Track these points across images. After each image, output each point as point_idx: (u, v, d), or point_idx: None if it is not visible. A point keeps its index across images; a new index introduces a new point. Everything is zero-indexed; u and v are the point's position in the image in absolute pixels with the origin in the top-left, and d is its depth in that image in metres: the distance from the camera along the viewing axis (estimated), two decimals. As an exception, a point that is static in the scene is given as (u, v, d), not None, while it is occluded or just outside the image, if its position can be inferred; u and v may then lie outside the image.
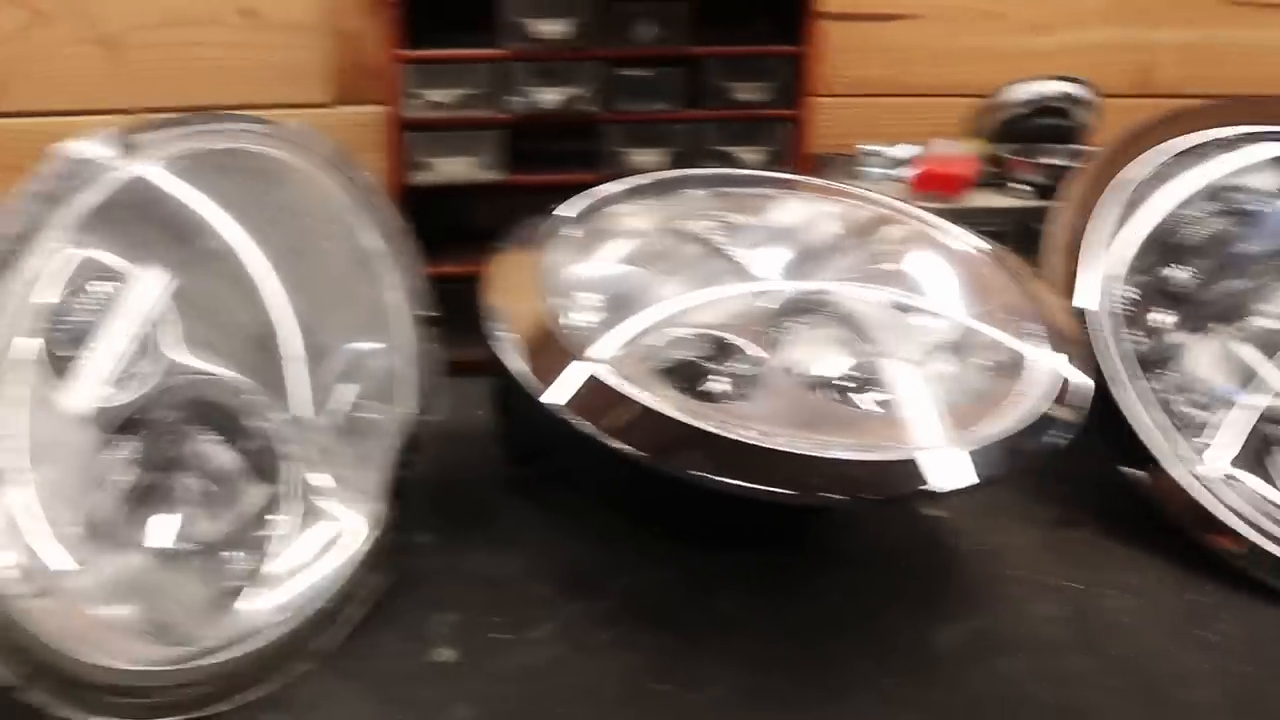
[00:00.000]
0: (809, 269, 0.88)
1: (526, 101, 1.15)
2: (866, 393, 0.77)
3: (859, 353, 0.79)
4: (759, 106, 1.19)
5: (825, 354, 0.80)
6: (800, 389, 0.77)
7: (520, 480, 0.94)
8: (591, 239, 0.90)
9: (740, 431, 0.67)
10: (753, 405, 0.74)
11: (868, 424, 0.75)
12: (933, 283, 0.89)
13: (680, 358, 0.78)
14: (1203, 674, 0.74)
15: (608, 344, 0.76)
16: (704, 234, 0.90)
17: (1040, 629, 0.78)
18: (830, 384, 0.78)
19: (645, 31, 1.15)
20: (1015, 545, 0.88)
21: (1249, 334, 0.96)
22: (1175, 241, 0.98)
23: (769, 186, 0.99)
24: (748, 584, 0.81)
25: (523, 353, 0.75)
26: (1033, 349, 0.80)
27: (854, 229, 0.94)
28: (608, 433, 0.69)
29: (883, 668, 0.73)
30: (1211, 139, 1.02)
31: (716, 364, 0.77)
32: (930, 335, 0.82)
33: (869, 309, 0.82)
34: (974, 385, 0.78)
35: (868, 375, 0.78)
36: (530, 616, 0.78)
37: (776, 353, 0.79)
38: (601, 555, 0.85)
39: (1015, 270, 0.91)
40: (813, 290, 0.85)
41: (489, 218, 0.94)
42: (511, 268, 0.85)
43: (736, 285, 0.84)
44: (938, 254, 0.92)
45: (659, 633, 0.76)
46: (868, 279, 0.87)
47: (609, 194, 0.95)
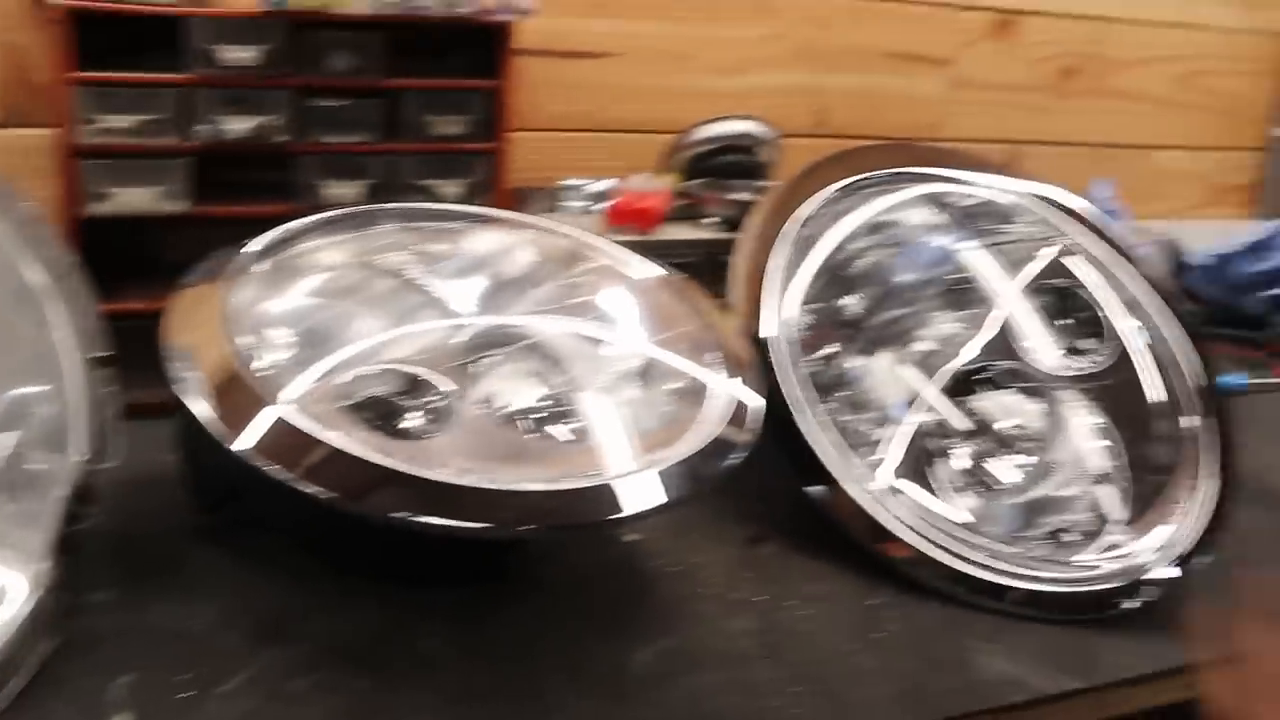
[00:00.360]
0: (503, 302, 0.89)
1: (214, 130, 1.10)
2: (559, 423, 0.79)
3: (552, 384, 0.81)
4: (457, 140, 1.19)
5: (519, 386, 0.81)
6: (494, 422, 0.78)
7: (210, 527, 0.90)
8: (282, 274, 0.87)
9: (433, 469, 0.67)
10: (446, 441, 0.74)
11: (560, 454, 0.76)
12: (622, 313, 0.92)
13: (372, 395, 0.77)
14: (874, 672, 0.80)
15: (298, 383, 0.74)
16: (398, 268, 0.89)
17: (730, 643, 0.82)
18: (524, 416, 0.80)
19: (339, 61, 1.13)
20: (709, 564, 0.91)
21: (911, 357, 1.05)
22: (845, 273, 1.06)
23: (465, 220, 0.99)
24: (449, 620, 0.81)
25: (208, 393, 0.72)
26: (713, 376, 0.85)
27: (548, 261, 0.96)
28: (298, 476, 0.67)
29: (580, 691, 0.75)
30: (874, 177, 1.11)
31: (410, 400, 0.77)
32: (619, 364, 0.85)
33: (561, 340, 0.85)
34: (660, 411, 0.81)
35: (560, 406, 0.80)
36: (220, 670, 0.74)
37: (470, 387, 0.79)
38: (298, 600, 0.82)
39: (699, 301, 0.96)
40: (506, 323, 0.86)
41: (177, 251, 0.89)
42: (196, 304, 0.82)
43: (430, 319, 0.84)
44: (628, 286, 0.96)
45: (359, 676, 0.74)
46: (560, 311, 0.89)
47: (301, 227, 0.93)
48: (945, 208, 1.11)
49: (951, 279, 1.08)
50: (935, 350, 1.04)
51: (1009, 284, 1.07)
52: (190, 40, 1.07)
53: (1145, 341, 1.06)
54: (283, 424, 0.69)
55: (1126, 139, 2.05)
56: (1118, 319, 1.07)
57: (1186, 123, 2.10)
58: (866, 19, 1.74)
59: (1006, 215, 1.13)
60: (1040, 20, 1.89)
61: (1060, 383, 1.02)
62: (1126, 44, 1.98)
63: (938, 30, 1.80)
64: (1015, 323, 1.05)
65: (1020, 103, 1.92)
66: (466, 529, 0.65)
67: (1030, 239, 1.11)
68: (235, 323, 0.79)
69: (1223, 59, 2.08)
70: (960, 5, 1.81)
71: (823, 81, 1.74)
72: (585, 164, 1.57)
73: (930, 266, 1.08)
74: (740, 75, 1.68)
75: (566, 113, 1.59)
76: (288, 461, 0.67)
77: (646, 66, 1.62)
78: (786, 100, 1.71)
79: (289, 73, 1.10)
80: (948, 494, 0.95)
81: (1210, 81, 2.09)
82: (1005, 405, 1.02)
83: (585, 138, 1.61)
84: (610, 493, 0.69)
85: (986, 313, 1.05)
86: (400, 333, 0.83)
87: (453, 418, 0.76)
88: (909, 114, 1.82)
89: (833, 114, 1.76)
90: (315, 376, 0.75)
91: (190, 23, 1.07)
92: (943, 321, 1.06)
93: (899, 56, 1.79)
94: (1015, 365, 1.03)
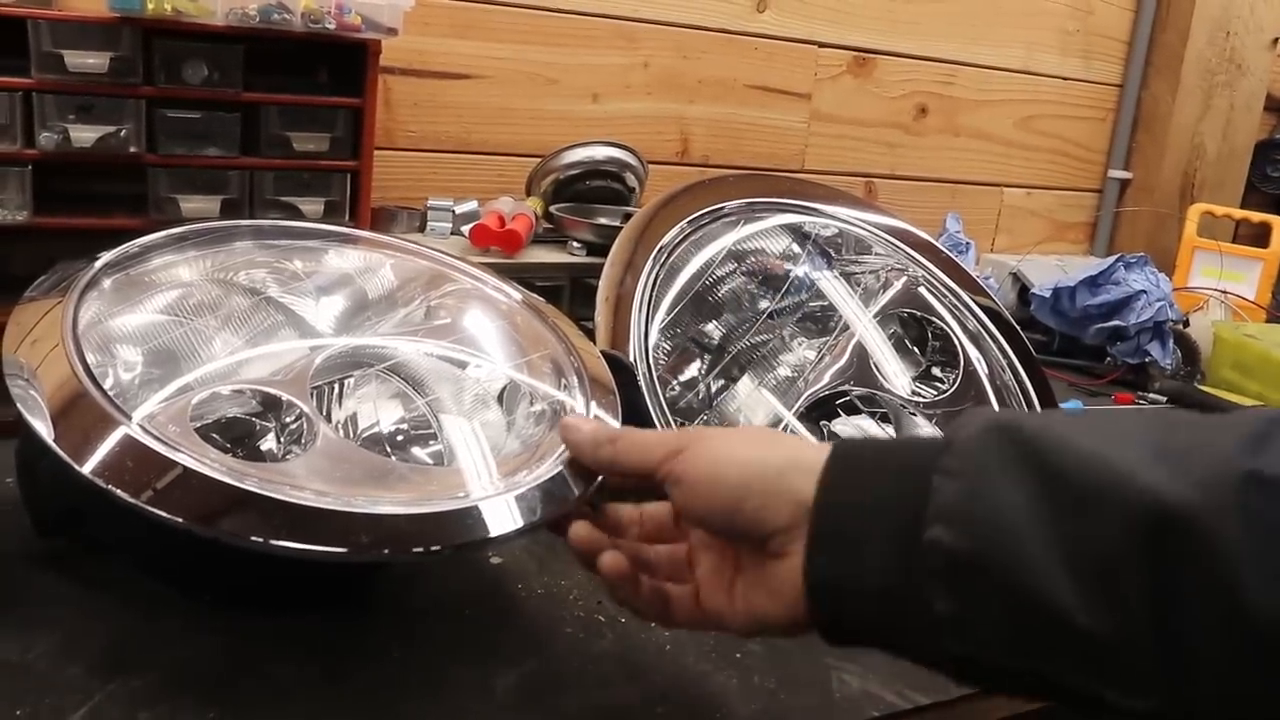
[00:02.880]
0: (364, 322, 0.88)
1: (60, 138, 1.06)
2: (420, 446, 0.78)
3: (412, 406, 0.80)
4: (318, 157, 1.17)
5: (379, 408, 0.80)
6: (354, 445, 0.77)
7: (53, 553, 0.86)
8: (132, 289, 0.84)
9: (289, 491, 0.65)
10: (304, 463, 0.72)
11: (420, 477, 0.75)
12: (483, 336, 0.92)
13: (227, 416, 0.75)
14: (734, 691, 0.81)
15: (148, 403, 0.71)
16: (255, 285, 0.87)
17: (594, 665, 0.82)
18: (383, 438, 0.78)
19: (195, 72, 1.10)
20: (573, 585, 0.91)
21: (772, 381, 1.07)
22: (707, 299, 1.08)
23: (325, 239, 0.97)
24: (305, 647, 0.79)
25: (51, 412, 0.69)
26: (572, 398, 0.85)
27: (409, 282, 0.95)
28: (146, 499, 0.64)
29: (445, 718, 0.74)
30: (735, 206, 1.13)
31: (266, 421, 0.75)
32: (480, 387, 0.85)
33: (422, 362, 0.84)
34: (521, 434, 0.81)
35: (421, 428, 0.79)
36: (58, 703, 0.70)
37: (330, 408, 0.78)
38: (144, 629, 0.79)
39: (560, 324, 0.96)
40: (367, 344, 0.85)
41: (19, 264, 0.85)
42: (38, 319, 0.78)
43: (289, 339, 0.83)
44: (489, 308, 0.95)
45: (206, 708, 0.72)
46: (422, 332, 0.88)
47: (153, 242, 0.90)
48: (804, 237, 1.14)
49: (810, 306, 1.11)
50: (795, 375, 1.06)
51: (865, 312, 1.11)
52: (37, 43, 1.02)
53: (988, 370, 1.10)
54: (131, 444, 0.66)
55: (976, 176, 2.14)
56: (964, 347, 1.11)
57: (1030, 163, 2.21)
58: (729, 51, 1.78)
59: (863, 246, 1.16)
60: (895, 60, 1.96)
61: (912, 408, 1.06)
62: (974, 86, 2.07)
63: (798, 65, 1.85)
64: (871, 350, 1.08)
65: (877, 138, 1.99)
66: (323, 553, 0.63)
67: (885, 269, 1.15)
68: (82, 339, 0.75)
69: (1063, 104, 2.20)
70: (820, 42, 1.87)
71: (685, 110, 1.77)
72: (450, 185, 1.56)
73: (790, 294, 1.11)
74: (605, 101, 1.70)
75: (432, 133, 1.58)
76: (136, 484, 0.64)
77: (513, 89, 1.62)
78: (650, 127, 1.74)
79: (140, 81, 1.07)
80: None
81: (1051, 125, 2.20)
82: (862, 429, 1.05)
83: (450, 159, 1.60)
84: (472, 516, 0.69)
85: (844, 339, 1.08)
86: (257, 352, 0.81)
87: (311, 439, 0.74)
88: (770, 145, 1.86)
89: (695, 143, 1.80)
90: (166, 395, 0.73)
91: (36, 25, 1.02)
92: (802, 347, 1.09)
93: (760, 89, 1.83)
94: (870, 391, 1.06)
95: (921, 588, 0.51)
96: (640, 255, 1.04)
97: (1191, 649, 0.45)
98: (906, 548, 0.51)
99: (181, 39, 1.08)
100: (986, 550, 0.49)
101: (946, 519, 0.50)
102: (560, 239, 1.36)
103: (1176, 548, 0.45)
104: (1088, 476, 0.48)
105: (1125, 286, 1.66)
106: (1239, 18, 2.19)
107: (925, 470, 0.52)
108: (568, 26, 1.64)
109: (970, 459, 0.51)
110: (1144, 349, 1.67)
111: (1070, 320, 1.72)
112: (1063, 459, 0.49)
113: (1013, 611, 0.48)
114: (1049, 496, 0.48)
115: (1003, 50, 2.08)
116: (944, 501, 0.51)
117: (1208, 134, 2.26)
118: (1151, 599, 0.45)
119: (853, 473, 0.56)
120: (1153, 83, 2.23)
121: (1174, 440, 0.48)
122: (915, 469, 0.52)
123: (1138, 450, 0.48)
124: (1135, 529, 0.46)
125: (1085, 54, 2.19)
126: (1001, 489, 0.49)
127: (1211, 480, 0.45)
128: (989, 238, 2.21)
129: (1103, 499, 0.47)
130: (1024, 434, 0.50)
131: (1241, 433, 0.47)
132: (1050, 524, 0.48)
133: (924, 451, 0.53)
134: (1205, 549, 0.44)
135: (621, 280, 1.02)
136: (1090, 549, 0.47)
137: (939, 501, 0.51)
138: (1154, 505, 0.45)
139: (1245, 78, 2.26)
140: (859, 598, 0.54)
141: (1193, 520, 0.45)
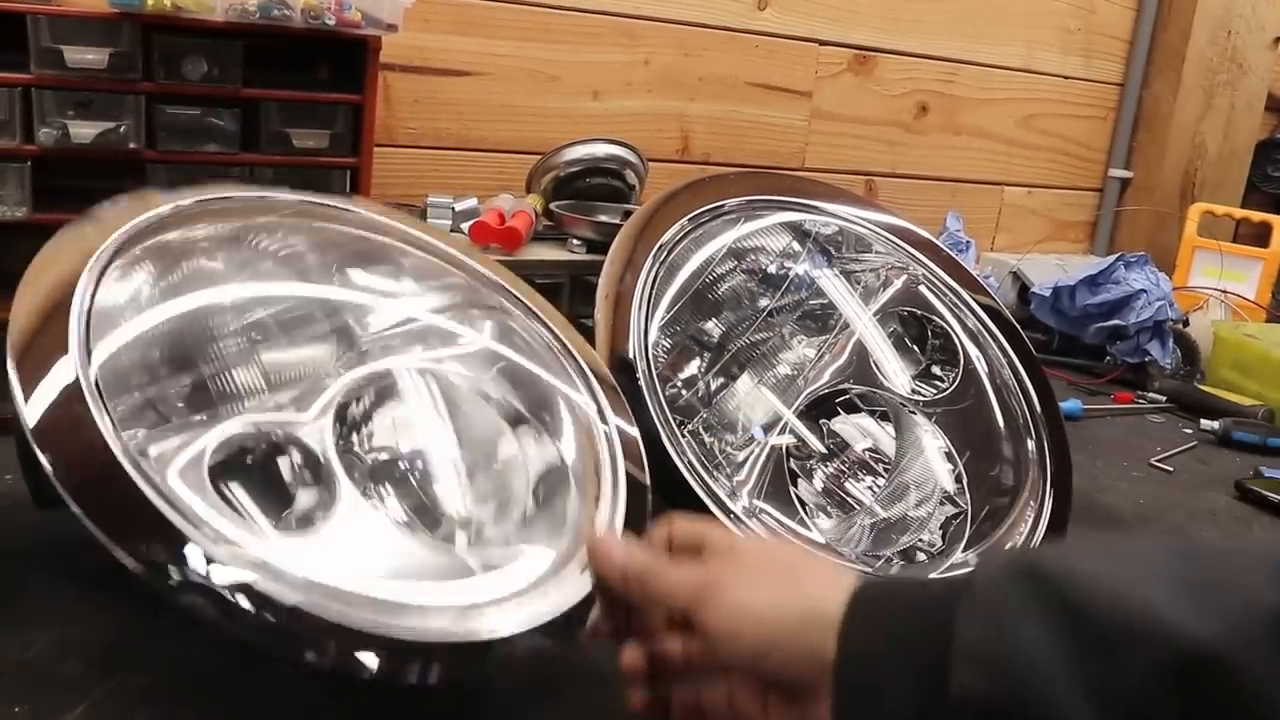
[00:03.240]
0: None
1: (58, 134, 1.05)
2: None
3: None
4: (318, 153, 1.17)
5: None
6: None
7: (52, 551, 0.85)
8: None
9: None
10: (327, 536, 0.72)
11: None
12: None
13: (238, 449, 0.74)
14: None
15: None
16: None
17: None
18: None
19: (194, 68, 1.10)
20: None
21: (771, 379, 1.07)
22: (707, 296, 1.08)
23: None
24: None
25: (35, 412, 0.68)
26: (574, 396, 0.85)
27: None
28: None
29: (436, 713, 0.74)
30: (734, 204, 1.13)
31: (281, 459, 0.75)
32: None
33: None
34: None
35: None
36: (57, 701, 0.70)
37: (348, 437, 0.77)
38: (145, 626, 0.79)
39: (558, 322, 0.96)
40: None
41: (18, 261, 0.85)
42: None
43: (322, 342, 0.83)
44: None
45: (206, 706, 0.72)
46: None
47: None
48: (805, 235, 1.14)
49: (810, 304, 1.11)
50: (794, 373, 1.06)
51: (865, 310, 1.11)
52: (36, 39, 1.02)
53: (987, 368, 1.10)
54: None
55: (976, 175, 2.14)
56: (964, 346, 1.11)
57: (1031, 162, 2.21)
58: (730, 49, 1.77)
59: (863, 244, 1.16)
60: (896, 59, 1.96)
61: (911, 406, 1.06)
62: (975, 85, 2.07)
63: (799, 63, 1.85)
64: (870, 348, 1.08)
65: (878, 136, 1.99)
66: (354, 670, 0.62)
67: (885, 267, 1.15)
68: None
69: (1064, 103, 2.20)
70: (821, 40, 1.86)
71: (686, 108, 1.77)
72: (450, 182, 1.56)
73: (790, 292, 1.11)
74: (606, 99, 1.69)
75: (432, 130, 1.57)
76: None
77: (513, 86, 1.62)
78: (650, 125, 1.73)
79: (140, 77, 1.06)
80: (808, 514, 0.97)
81: (1052, 124, 2.20)
82: (861, 428, 1.05)
83: (451, 155, 1.59)
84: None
85: (844, 338, 1.08)
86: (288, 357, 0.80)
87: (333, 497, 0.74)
88: (771, 143, 1.86)
89: (695, 140, 1.79)
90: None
91: (36, 20, 1.02)
92: (802, 345, 1.09)
93: (761, 87, 1.83)
94: (870, 390, 1.06)
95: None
96: (640, 253, 1.04)
97: None
98: (931, 692, 0.50)
99: (181, 35, 1.08)
100: (1014, 692, 0.48)
101: (971, 660, 0.49)
102: (560, 236, 1.36)
103: (1207, 688, 0.44)
104: (1113, 614, 0.47)
105: (1125, 286, 1.66)
106: (1240, 17, 2.19)
107: (948, 613, 0.51)
108: (569, 24, 1.63)
109: (992, 599, 0.50)
110: (1144, 348, 1.67)
111: (1070, 319, 1.71)
112: (1084, 596, 0.48)
113: None
114: (1074, 636, 0.47)
115: (1004, 49, 2.08)
116: (969, 644, 0.50)
117: (1209, 133, 2.25)
118: None
119: (873, 618, 0.55)
120: (1154, 82, 2.22)
121: (1199, 573, 0.47)
122: (936, 609, 0.52)
123: (1162, 584, 0.47)
124: (1164, 669, 0.45)
125: (1086, 53, 2.18)
126: (1025, 629, 0.48)
127: (1241, 618, 0.44)
128: (989, 236, 2.21)
129: (1129, 638, 0.46)
130: (1045, 571, 0.49)
131: (1269, 565, 0.46)
132: (1076, 663, 0.47)
133: (945, 592, 0.53)
134: (1237, 689, 0.43)
135: (621, 278, 1.01)
136: (1118, 689, 0.46)
137: (962, 643, 0.50)
138: (1183, 645, 0.44)
139: (1246, 77, 2.25)
140: None
141: (1224, 660, 0.44)
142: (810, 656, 0.55)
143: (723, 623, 0.58)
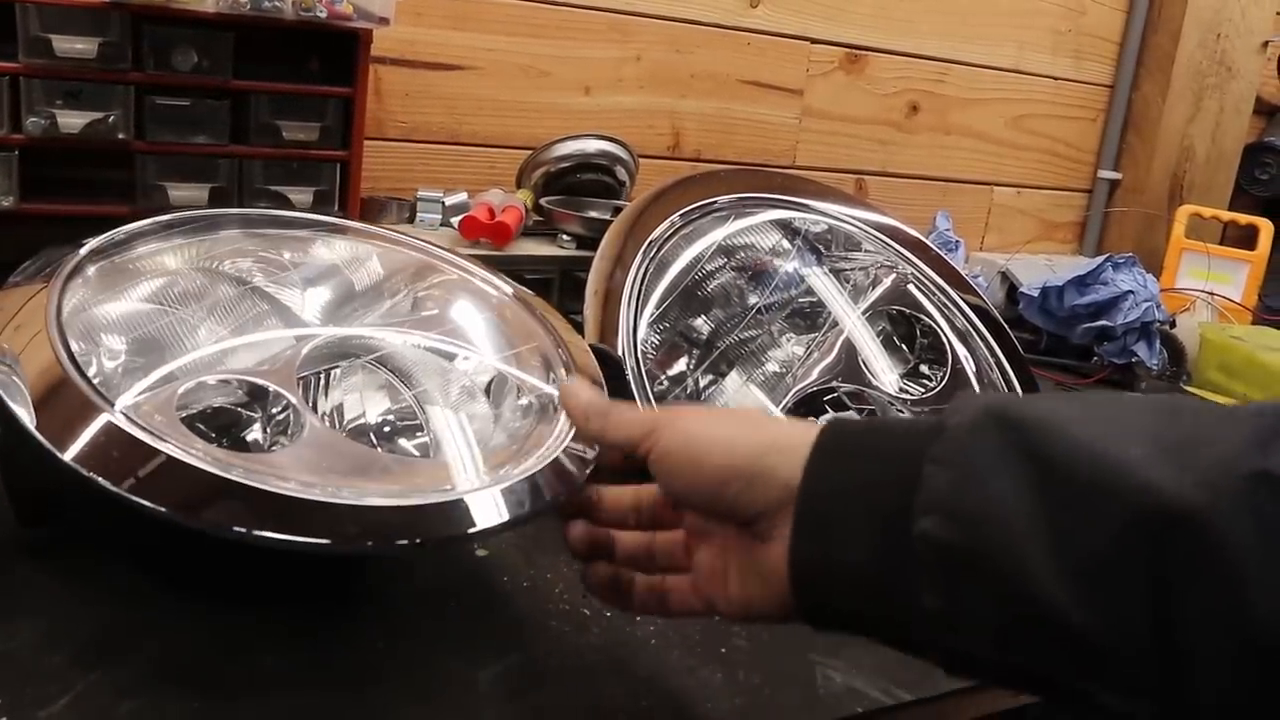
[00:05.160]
0: (351, 313, 0.87)
1: (46, 124, 1.05)
2: (407, 437, 0.78)
3: (399, 398, 0.80)
4: (308, 146, 1.17)
5: (365, 399, 0.79)
6: (339, 436, 0.76)
7: (36, 542, 0.85)
8: (117, 277, 0.84)
9: (274, 482, 0.64)
10: (290, 453, 0.72)
11: (406, 469, 0.75)
12: (471, 328, 0.91)
13: (212, 406, 0.74)
14: (719, 686, 0.81)
15: (132, 390, 0.71)
16: (242, 275, 0.87)
17: (579, 658, 0.82)
18: (369, 429, 0.78)
19: (184, 59, 1.09)
20: (561, 579, 0.91)
21: (760, 377, 1.07)
22: (697, 293, 1.08)
23: (314, 228, 0.97)
24: (290, 638, 0.78)
25: (33, 399, 0.68)
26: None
27: (397, 273, 0.95)
28: (130, 488, 0.64)
29: (429, 710, 0.74)
30: (726, 201, 1.13)
31: (252, 412, 0.75)
32: (467, 379, 0.84)
33: (409, 353, 0.83)
34: (508, 427, 0.81)
35: (408, 420, 0.78)
36: (40, 693, 0.70)
37: (316, 399, 0.77)
38: (128, 618, 0.78)
39: (549, 317, 0.96)
40: (354, 335, 0.85)
41: (6, 250, 0.84)
42: (22, 305, 0.77)
43: (275, 329, 0.82)
44: (478, 300, 0.95)
45: (190, 697, 0.71)
46: (409, 324, 0.88)
47: (140, 229, 0.89)
48: (795, 233, 1.14)
49: (800, 302, 1.11)
50: (783, 371, 1.06)
51: (854, 309, 1.11)
52: (25, 28, 1.02)
53: (975, 368, 1.11)
54: (115, 432, 0.66)
55: (966, 174, 2.14)
56: (952, 345, 1.11)
57: (1021, 162, 2.21)
58: (722, 46, 1.77)
59: (853, 242, 1.16)
60: (888, 58, 1.96)
61: (899, 405, 1.06)
62: (965, 85, 2.07)
63: (791, 61, 1.85)
64: (859, 346, 1.08)
65: (869, 135, 1.99)
66: (306, 544, 0.63)
67: (874, 266, 1.15)
68: (65, 326, 0.75)
69: (1054, 104, 2.20)
70: (813, 38, 1.86)
71: (677, 105, 1.77)
72: (440, 176, 1.56)
73: (779, 289, 1.11)
74: (597, 95, 1.69)
75: (423, 124, 1.57)
76: (119, 472, 0.64)
77: (504, 81, 1.62)
78: (641, 121, 1.73)
79: (129, 67, 1.06)
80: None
81: (1042, 125, 2.21)
82: (849, 425, 1.05)
83: (441, 150, 1.59)
84: (457, 509, 0.68)
85: (833, 336, 1.08)
86: (243, 341, 0.80)
87: (298, 430, 0.74)
88: (761, 140, 1.86)
89: (686, 137, 1.79)
90: (151, 384, 0.72)
91: (25, 9, 1.02)
92: (791, 343, 1.09)
93: (753, 84, 1.83)
94: (858, 388, 1.06)
95: (909, 579, 0.49)
96: (630, 249, 1.04)
97: (1190, 652, 0.43)
98: (895, 537, 0.50)
99: (171, 25, 1.08)
100: (977, 544, 0.47)
101: (937, 510, 0.48)
102: (550, 232, 1.36)
103: (1179, 548, 0.43)
104: (1086, 469, 0.46)
105: (1113, 287, 1.67)
106: (1230, 20, 2.20)
107: (916, 457, 0.50)
108: (560, 19, 1.63)
109: (963, 447, 0.49)
110: (1131, 349, 1.67)
111: (1058, 319, 1.72)
112: (1059, 449, 0.46)
113: (1004, 608, 0.47)
114: (1044, 489, 0.46)
115: (994, 49, 2.08)
116: (935, 491, 0.49)
117: (1197, 136, 2.26)
118: (1151, 599, 0.44)
119: (841, 456, 0.54)
120: (1143, 84, 2.23)
121: (1177, 432, 0.46)
122: (906, 455, 0.51)
123: (1139, 442, 0.45)
124: (1135, 527, 0.44)
125: (1076, 54, 2.19)
126: (994, 480, 0.47)
127: (1218, 479, 0.43)
128: (978, 236, 2.22)
129: (1101, 494, 0.45)
130: (1019, 421, 0.48)
131: (1249, 429, 0.45)
132: (1045, 518, 0.46)
133: (916, 437, 0.51)
134: (1210, 550, 0.42)
135: (611, 274, 1.01)
136: (1087, 545, 0.45)
137: (929, 491, 0.49)
138: (1156, 503, 0.43)
139: (1235, 80, 2.26)
140: (844, 586, 0.53)
141: (1198, 520, 0.43)
142: (772, 484, 0.54)
143: (680, 450, 0.58)
